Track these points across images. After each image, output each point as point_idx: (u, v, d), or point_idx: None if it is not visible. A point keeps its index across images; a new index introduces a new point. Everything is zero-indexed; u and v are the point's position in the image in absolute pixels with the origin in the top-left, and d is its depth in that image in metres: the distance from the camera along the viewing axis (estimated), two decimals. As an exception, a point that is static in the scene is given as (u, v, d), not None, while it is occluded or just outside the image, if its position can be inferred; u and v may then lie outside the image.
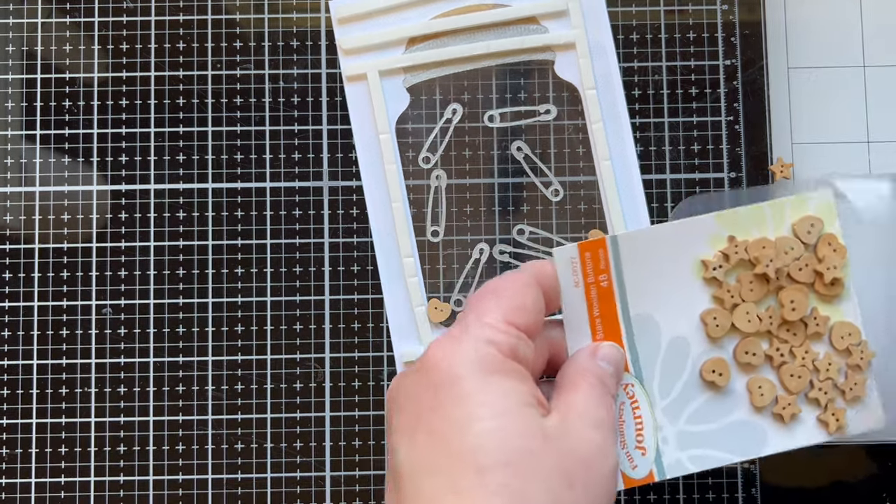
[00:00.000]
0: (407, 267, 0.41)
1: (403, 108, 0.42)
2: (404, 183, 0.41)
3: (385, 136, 0.41)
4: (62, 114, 0.42)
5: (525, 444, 0.28)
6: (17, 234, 0.42)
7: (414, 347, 0.41)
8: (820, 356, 0.34)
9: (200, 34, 0.42)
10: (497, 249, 0.41)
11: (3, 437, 0.41)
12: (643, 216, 0.41)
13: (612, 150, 0.41)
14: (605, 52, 0.42)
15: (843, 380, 0.34)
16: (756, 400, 0.33)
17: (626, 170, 0.41)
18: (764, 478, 0.41)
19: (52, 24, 0.42)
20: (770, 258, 0.33)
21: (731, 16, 0.42)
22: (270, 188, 0.42)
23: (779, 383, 0.33)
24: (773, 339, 0.33)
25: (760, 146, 0.42)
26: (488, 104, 0.42)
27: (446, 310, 0.41)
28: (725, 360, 0.33)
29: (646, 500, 0.40)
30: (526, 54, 0.42)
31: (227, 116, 0.42)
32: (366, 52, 0.42)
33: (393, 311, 0.41)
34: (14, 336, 0.41)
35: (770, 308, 0.33)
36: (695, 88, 0.42)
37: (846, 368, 0.34)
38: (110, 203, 0.42)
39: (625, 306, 0.33)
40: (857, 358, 0.34)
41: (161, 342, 0.41)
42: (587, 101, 0.41)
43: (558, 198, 0.41)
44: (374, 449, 0.41)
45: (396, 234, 0.41)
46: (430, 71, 0.41)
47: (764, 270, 0.33)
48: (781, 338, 0.33)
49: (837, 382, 0.34)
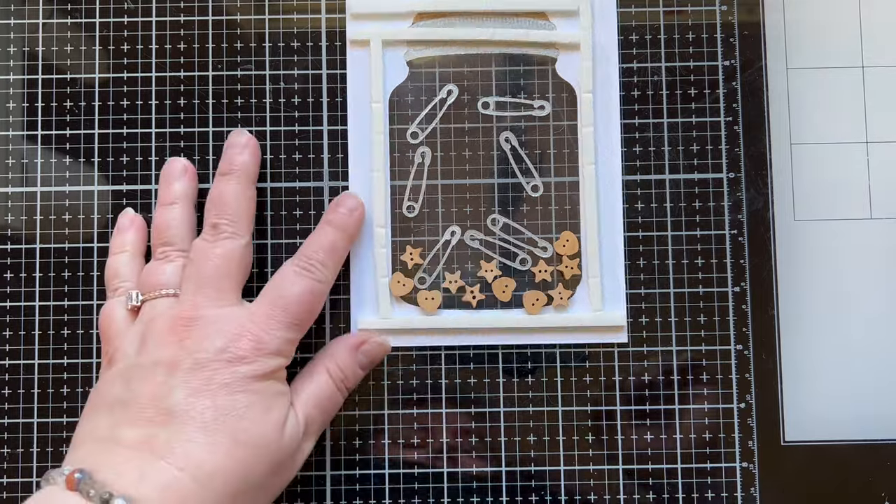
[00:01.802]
0: (378, 236, 0.41)
1: (401, 81, 0.42)
2: (388, 154, 0.41)
3: (377, 105, 0.42)
4: (63, 114, 0.42)
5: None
6: (19, 234, 0.42)
7: (371, 318, 0.41)
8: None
9: (201, 34, 0.42)
10: (469, 235, 0.41)
11: (3, 437, 0.41)
12: (618, 224, 0.41)
13: (599, 155, 0.41)
14: (607, 58, 0.42)
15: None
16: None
17: (610, 177, 0.42)
18: (763, 477, 0.41)
19: (53, 25, 0.42)
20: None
21: (730, 16, 0.42)
22: (270, 188, 0.42)
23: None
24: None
25: (759, 147, 0.42)
26: (484, 91, 0.42)
27: (409, 285, 0.41)
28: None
29: (645, 499, 0.41)
30: (530, 48, 0.42)
31: (227, 116, 0.42)
32: (372, 20, 0.42)
33: (357, 278, 0.41)
34: (14, 336, 0.41)
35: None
36: (694, 89, 0.42)
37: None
38: (111, 203, 0.42)
39: None
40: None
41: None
42: (582, 103, 0.42)
43: (537, 193, 0.42)
44: (374, 448, 0.41)
45: (373, 203, 0.41)
46: (433, 48, 0.42)
47: None
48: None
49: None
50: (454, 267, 0.41)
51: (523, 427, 0.41)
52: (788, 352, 0.41)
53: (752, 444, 0.41)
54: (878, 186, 0.42)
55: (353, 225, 0.40)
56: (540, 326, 0.41)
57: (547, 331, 0.41)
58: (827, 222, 0.42)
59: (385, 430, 0.41)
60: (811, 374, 0.41)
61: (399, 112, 0.42)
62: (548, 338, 0.41)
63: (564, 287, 0.41)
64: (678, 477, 0.41)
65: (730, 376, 0.41)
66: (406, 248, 0.41)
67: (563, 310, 0.41)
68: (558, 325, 0.41)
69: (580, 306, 0.41)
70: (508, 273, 0.41)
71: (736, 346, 0.41)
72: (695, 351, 0.41)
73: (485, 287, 0.41)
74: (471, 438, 0.41)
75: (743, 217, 0.42)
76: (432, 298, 0.41)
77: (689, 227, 0.42)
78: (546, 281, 0.41)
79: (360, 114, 0.42)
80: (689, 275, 0.41)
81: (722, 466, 0.41)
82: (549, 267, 0.41)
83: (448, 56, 0.42)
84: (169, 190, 0.40)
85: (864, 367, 0.41)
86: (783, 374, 0.41)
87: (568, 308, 0.41)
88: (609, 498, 0.41)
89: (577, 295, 0.41)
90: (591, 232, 0.41)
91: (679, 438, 0.41)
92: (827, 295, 0.42)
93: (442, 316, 0.41)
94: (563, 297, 0.41)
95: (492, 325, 0.41)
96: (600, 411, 0.41)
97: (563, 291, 0.41)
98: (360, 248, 0.41)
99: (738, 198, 0.42)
